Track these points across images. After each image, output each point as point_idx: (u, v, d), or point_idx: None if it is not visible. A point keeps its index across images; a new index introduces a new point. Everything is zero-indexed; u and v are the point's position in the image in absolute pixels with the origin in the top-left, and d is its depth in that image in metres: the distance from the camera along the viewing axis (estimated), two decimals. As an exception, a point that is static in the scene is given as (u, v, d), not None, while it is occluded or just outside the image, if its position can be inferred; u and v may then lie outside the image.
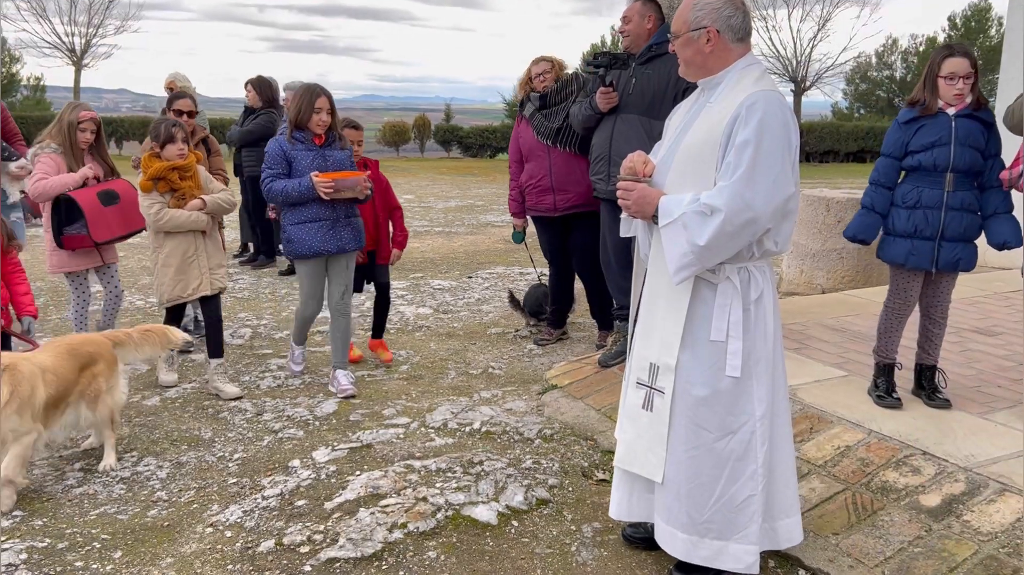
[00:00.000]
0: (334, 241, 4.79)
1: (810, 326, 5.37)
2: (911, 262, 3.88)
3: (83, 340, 3.99)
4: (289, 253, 4.84)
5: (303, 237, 4.74)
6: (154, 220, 4.67)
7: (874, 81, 42.11)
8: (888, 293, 4.09)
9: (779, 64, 37.39)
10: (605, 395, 4.68)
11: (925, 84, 3.84)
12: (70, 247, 4.93)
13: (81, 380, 3.82)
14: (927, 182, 3.83)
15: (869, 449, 3.62)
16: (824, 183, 19.53)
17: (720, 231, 2.59)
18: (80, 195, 4.84)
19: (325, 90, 4.75)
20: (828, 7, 36.90)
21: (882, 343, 4.11)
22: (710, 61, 2.79)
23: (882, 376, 4.09)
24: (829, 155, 30.87)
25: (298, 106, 4.70)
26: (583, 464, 3.99)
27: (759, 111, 2.59)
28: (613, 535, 3.34)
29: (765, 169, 2.58)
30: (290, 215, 4.78)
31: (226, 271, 5.10)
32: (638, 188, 2.81)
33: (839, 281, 7.33)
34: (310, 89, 4.75)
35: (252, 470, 3.93)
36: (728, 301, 2.74)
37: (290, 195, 4.68)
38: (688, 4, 2.80)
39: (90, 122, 5.04)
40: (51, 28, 33.45)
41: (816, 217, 7.50)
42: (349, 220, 4.87)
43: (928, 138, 3.79)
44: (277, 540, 3.28)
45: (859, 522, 3.24)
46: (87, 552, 3.20)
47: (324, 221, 4.76)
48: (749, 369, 2.76)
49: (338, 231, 4.80)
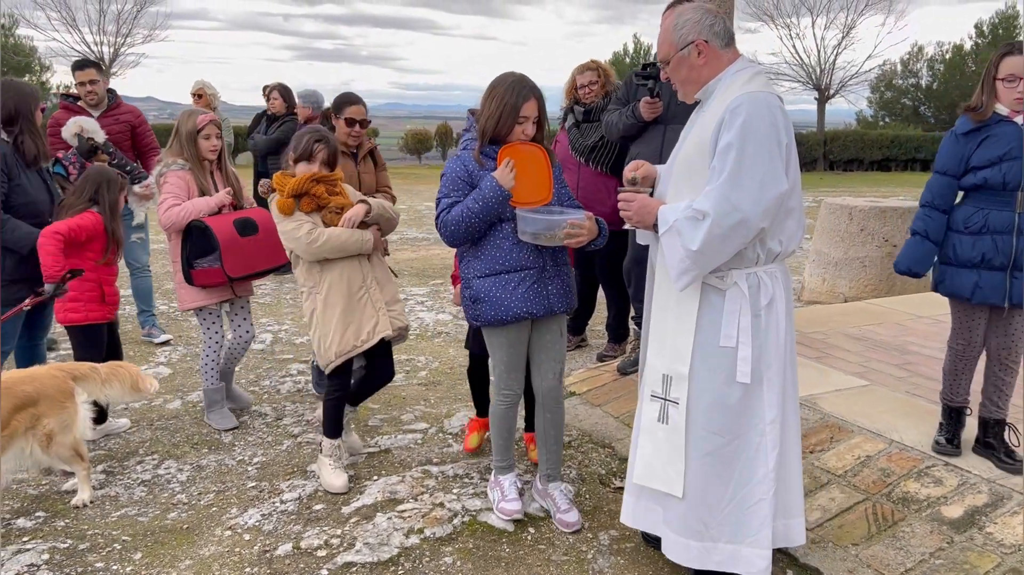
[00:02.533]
0: (541, 300, 3.35)
1: (832, 335, 5.33)
2: (978, 296, 3.36)
3: (21, 377, 3.54)
4: (476, 317, 3.39)
5: (499, 295, 3.30)
6: (307, 244, 3.59)
7: (899, 89, 41.74)
8: (951, 332, 3.57)
9: (803, 72, 37.20)
10: (623, 402, 4.66)
11: (983, 88, 3.36)
12: (200, 283, 4.30)
13: (15, 421, 3.41)
14: (994, 203, 3.31)
15: (890, 459, 3.58)
16: (848, 191, 19.39)
17: (710, 235, 2.61)
18: (215, 223, 4.22)
19: (536, 88, 3.32)
20: (852, 15, 36.70)
21: (947, 386, 3.60)
22: (704, 73, 2.81)
23: (947, 420, 3.60)
24: (853, 163, 30.64)
25: (498, 109, 3.27)
26: (600, 471, 3.98)
27: (742, 114, 2.60)
28: (630, 543, 3.33)
29: (750, 170, 2.59)
30: (474, 263, 3.37)
31: (403, 306, 4.07)
32: (638, 199, 2.86)
33: (862, 290, 7.27)
34: (516, 86, 3.27)
35: (271, 474, 3.95)
36: (737, 307, 2.74)
37: (472, 217, 3.23)
38: (668, 28, 2.83)
39: (212, 126, 4.35)
40: (80, 38, 34.02)
41: (839, 225, 7.45)
42: (559, 270, 3.43)
43: (995, 151, 3.28)
44: (295, 544, 3.29)
45: (880, 533, 3.20)
46: (108, 553, 3.23)
47: (528, 271, 3.33)
48: (760, 374, 2.76)
49: (545, 286, 3.37)
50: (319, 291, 3.69)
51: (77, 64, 5.90)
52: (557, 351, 3.49)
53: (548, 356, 3.47)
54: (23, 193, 4.05)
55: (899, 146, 30.96)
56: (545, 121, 3.38)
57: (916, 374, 4.54)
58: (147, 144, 6.11)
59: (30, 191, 4.08)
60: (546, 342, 3.46)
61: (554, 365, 3.48)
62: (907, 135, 32.04)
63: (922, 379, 4.44)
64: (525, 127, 3.28)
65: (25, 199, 4.05)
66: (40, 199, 4.13)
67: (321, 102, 7.64)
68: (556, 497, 3.53)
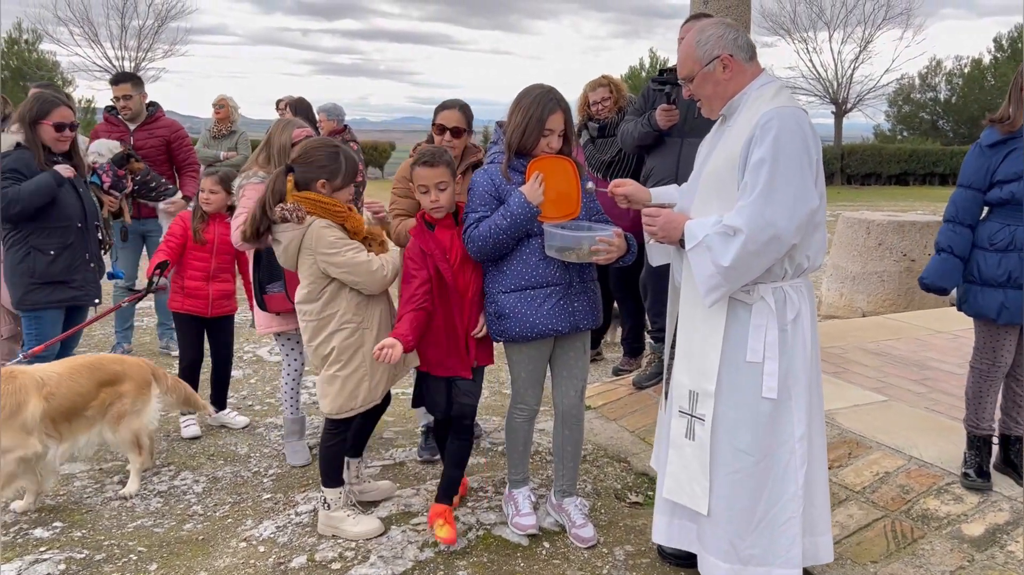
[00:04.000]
0: (566, 316, 3.27)
1: (849, 350, 5.29)
2: (1005, 317, 3.23)
3: (113, 359, 3.93)
4: (500, 333, 3.29)
5: (523, 311, 3.22)
6: (382, 279, 3.33)
7: (917, 103, 41.58)
8: (974, 352, 3.43)
9: (820, 86, 37.12)
10: (639, 417, 4.64)
11: (1011, 99, 3.21)
12: (273, 309, 4.06)
13: (103, 394, 3.73)
14: (1021, 219, 3.18)
15: (909, 476, 3.54)
16: (866, 206, 19.28)
17: (743, 251, 2.59)
18: None
19: (562, 100, 3.25)
20: (870, 29, 36.62)
21: (972, 411, 3.43)
22: (730, 88, 2.80)
23: (973, 450, 3.43)
24: (871, 178, 30.49)
25: (523, 121, 3.20)
26: (616, 486, 3.96)
27: (773, 129, 2.59)
28: (645, 559, 3.30)
29: (783, 186, 2.57)
30: (499, 277, 3.28)
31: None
32: (663, 213, 2.85)
33: (880, 304, 7.21)
34: (542, 98, 3.20)
35: (286, 486, 3.96)
36: (764, 322, 2.72)
37: (500, 233, 3.16)
38: (690, 43, 2.82)
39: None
40: (102, 52, 34.50)
41: (856, 239, 7.40)
42: (586, 286, 3.35)
43: (1021, 165, 3.17)
44: (309, 556, 3.29)
45: (898, 551, 3.16)
46: (123, 564, 3.24)
47: (554, 287, 3.25)
48: (787, 390, 2.74)
49: (571, 302, 3.29)
50: (369, 327, 3.36)
51: (112, 79, 6.06)
52: (579, 368, 3.42)
53: (570, 373, 3.41)
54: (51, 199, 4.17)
55: (917, 160, 30.80)
56: (572, 134, 3.32)
57: (935, 390, 4.50)
58: (183, 159, 6.10)
59: (59, 197, 4.17)
60: (569, 359, 3.40)
61: (576, 382, 3.43)
62: (925, 149, 31.88)
63: (941, 395, 4.40)
64: (550, 140, 3.21)
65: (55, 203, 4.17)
66: (71, 204, 4.23)
67: (343, 115, 7.69)
68: (571, 512, 3.49)
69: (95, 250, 4.42)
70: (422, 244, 3.30)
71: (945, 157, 31.11)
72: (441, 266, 3.26)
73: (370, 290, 3.33)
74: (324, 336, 3.33)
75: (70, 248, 4.23)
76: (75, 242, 4.25)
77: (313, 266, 3.28)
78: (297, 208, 3.22)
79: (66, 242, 4.21)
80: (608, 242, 3.10)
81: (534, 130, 3.17)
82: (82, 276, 4.31)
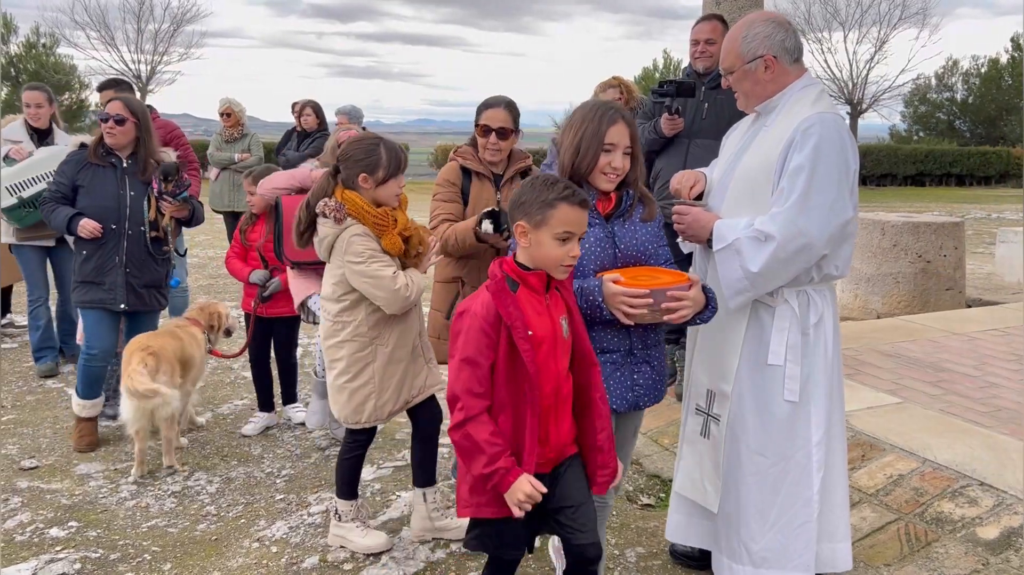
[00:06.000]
0: (624, 392, 2.61)
1: (864, 351, 5.26)
2: None
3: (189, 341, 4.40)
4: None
5: None
6: (404, 299, 3.09)
7: (934, 103, 41.25)
8: None
9: (835, 86, 36.89)
10: (651, 418, 4.63)
11: None
12: (293, 257, 4.18)
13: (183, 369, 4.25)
14: None
15: (923, 478, 3.52)
16: (881, 207, 19.15)
17: (773, 258, 2.56)
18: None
19: (624, 111, 2.64)
20: (885, 29, 36.38)
21: None
22: (769, 88, 2.75)
23: None
24: (886, 178, 30.27)
25: (577, 137, 2.58)
26: (628, 488, 3.96)
27: (814, 135, 2.55)
28: (657, 561, 3.30)
29: (819, 195, 2.53)
30: None
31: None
32: (692, 212, 2.80)
33: (895, 306, 7.17)
34: (599, 109, 2.60)
35: (299, 487, 3.98)
36: (786, 324, 2.69)
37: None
38: (735, 37, 2.75)
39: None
40: (119, 56, 34.77)
41: (871, 241, 7.36)
42: (648, 353, 2.66)
43: None
44: (321, 557, 3.31)
45: (912, 554, 3.15)
46: (138, 564, 3.27)
47: (611, 354, 2.58)
48: (808, 394, 2.71)
49: (631, 374, 2.62)
50: (384, 343, 3.18)
51: (99, 86, 6.14)
52: (625, 452, 2.80)
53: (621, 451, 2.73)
54: (86, 195, 4.32)
55: (933, 161, 30.54)
56: (640, 159, 2.66)
57: (950, 392, 4.46)
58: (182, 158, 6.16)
59: (95, 194, 4.31)
60: (618, 440, 2.64)
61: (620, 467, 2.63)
62: (942, 150, 31.61)
63: (956, 397, 4.37)
64: (612, 158, 2.54)
65: (90, 201, 4.29)
66: (107, 205, 4.29)
67: (362, 117, 7.71)
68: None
69: (138, 255, 4.34)
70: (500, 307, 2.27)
71: (962, 158, 30.83)
72: (521, 345, 2.26)
73: (390, 309, 3.10)
74: (336, 341, 3.21)
75: (102, 249, 4.28)
76: (107, 243, 4.28)
77: (340, 268, 3.15)
78: (338, 207, 3.08)
79: (99, 243, 4.27)
80: (681, 297, 2.46)
81: (591, 147, 2.54)
82: (111, 279, 4.30)
